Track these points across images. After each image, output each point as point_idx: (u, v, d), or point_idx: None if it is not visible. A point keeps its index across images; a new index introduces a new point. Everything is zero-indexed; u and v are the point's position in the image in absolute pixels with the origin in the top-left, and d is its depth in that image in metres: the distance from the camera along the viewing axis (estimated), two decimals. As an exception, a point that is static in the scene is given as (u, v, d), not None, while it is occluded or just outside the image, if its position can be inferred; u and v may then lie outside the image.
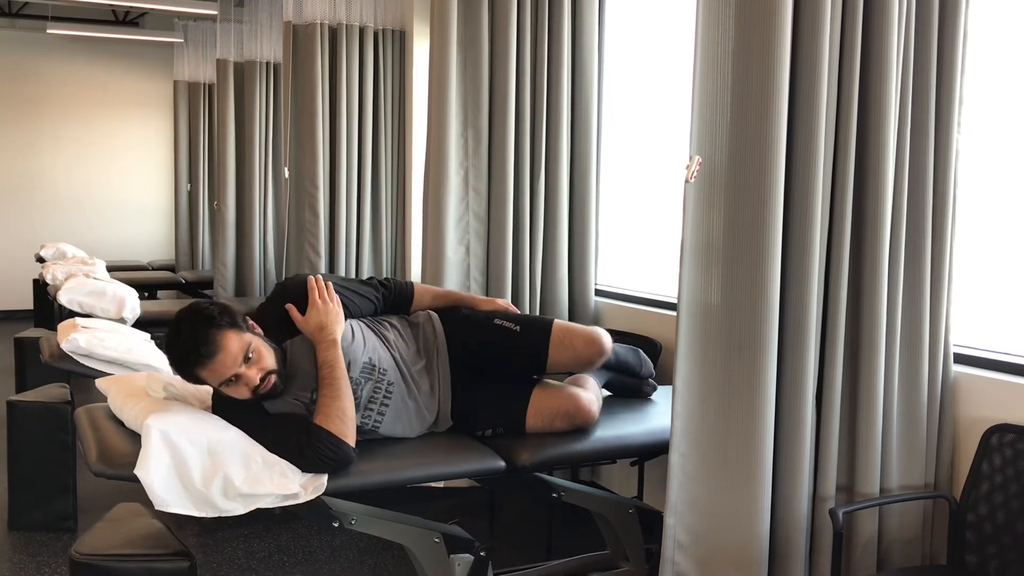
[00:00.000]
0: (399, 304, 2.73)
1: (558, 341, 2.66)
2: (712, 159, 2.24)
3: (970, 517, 2.34)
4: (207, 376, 2.25)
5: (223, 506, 2.12)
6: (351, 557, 3.44)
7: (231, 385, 2.26)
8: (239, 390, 2.27)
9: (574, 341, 2.66)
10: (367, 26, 4.97)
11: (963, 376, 2.51)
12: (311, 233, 4.97)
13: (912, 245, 2.40)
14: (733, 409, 2.28)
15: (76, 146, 9.81)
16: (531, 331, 2.69)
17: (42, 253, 7.64)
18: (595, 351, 2.67)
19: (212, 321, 2.22)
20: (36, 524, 3.67)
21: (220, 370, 2.22)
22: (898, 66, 2.31)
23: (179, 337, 2.23)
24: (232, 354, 2.21)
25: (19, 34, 9.45)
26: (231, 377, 2.24)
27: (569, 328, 2.70)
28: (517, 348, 2.67)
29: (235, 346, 2.22)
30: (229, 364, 2.21)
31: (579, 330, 2.70)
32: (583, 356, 2.66)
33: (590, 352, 2.66)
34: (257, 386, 2.27)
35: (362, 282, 2.70)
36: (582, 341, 2.67)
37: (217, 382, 2.25)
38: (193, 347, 2.20)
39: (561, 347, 2.65)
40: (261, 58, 6.59)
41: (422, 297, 2.75)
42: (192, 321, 2.23)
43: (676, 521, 2.30)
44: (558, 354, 2.66)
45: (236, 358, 2.22)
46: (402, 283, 2.75)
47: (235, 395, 2.28)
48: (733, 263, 2.25)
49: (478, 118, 3.71)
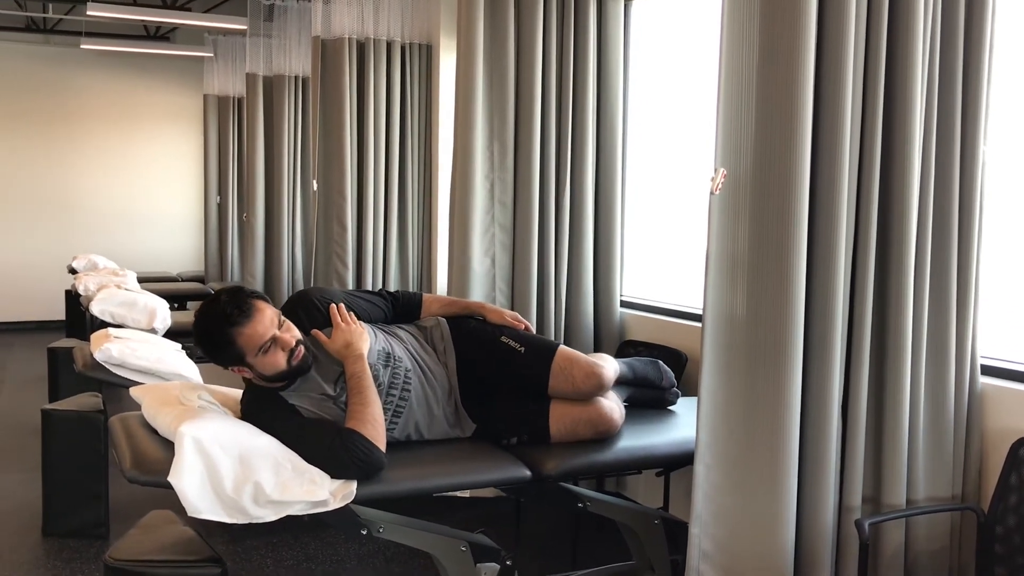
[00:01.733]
0: (408, 312, 2.81)
1: (559, 370, 2.67)
2: (737, 171, 2.25)
3: (998, 529, 2.33)
4: (245, 342, 2.32)
5: (254, 513, 2.15)
6: (378, 566, 3.47)
7: (267, 352, 2.34)
8: (275, 357, 2.35)
9: (574, 372, 2.66)
10: (394, 40, 5.02)
11: (990, 388, 2.50)
12: (339, 244, 5.01)
13: (938, 255, 2.40)
14: (758, 420, 2.28)
15: (108, 159, 9.96)
16: (534, 355, 2.70)
17: (74, 264, 7.75)
18: (593, 385, 2.66)
19: (246, 291, 2.41)
20: (69, 530, 3.73)
21: (259, 330, 2.32)
22: (923, 76, 2.31)
23: (217, 303, 2.35)
24: (269, 316, 2.36)
25: (54, 50, 9.63)
26: (268, 341, 2.32)
27: (572, 358, 2.69)
28: (519, 371, 2.70)
29: (269, 310, 2.38)
30: (267, 324, 2.34)
31: (581, 362, 2.68)
32: (581, 390, 2.66)
33: (588, 387, 2.65)
34: (292, 351, 2.36)
35: (370, 293, 2.81)
36: (582, 375, 2.66)
37: (255, 348, 2.32)
38: (234, 308, 2.32)
39: (561, 376, 2.66)
40: (290, 72, 6.66)
41: (430, 306, 2.84)
42: (229, 292, 2.38)
43: (701, 531, 2.30)
44: (557, 383, 2.67)
45: (272, 320, 2.36)
46: (410, 293, 2.86)
47: (270, 365, 2.35)
48: (758, 274, 2.26)
49: (504, 131, 3.74)
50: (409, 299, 2.83)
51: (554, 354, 2.69)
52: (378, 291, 2.84)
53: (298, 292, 2.73)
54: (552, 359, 2.68)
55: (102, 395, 3.99)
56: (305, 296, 2.65)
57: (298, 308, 2.58)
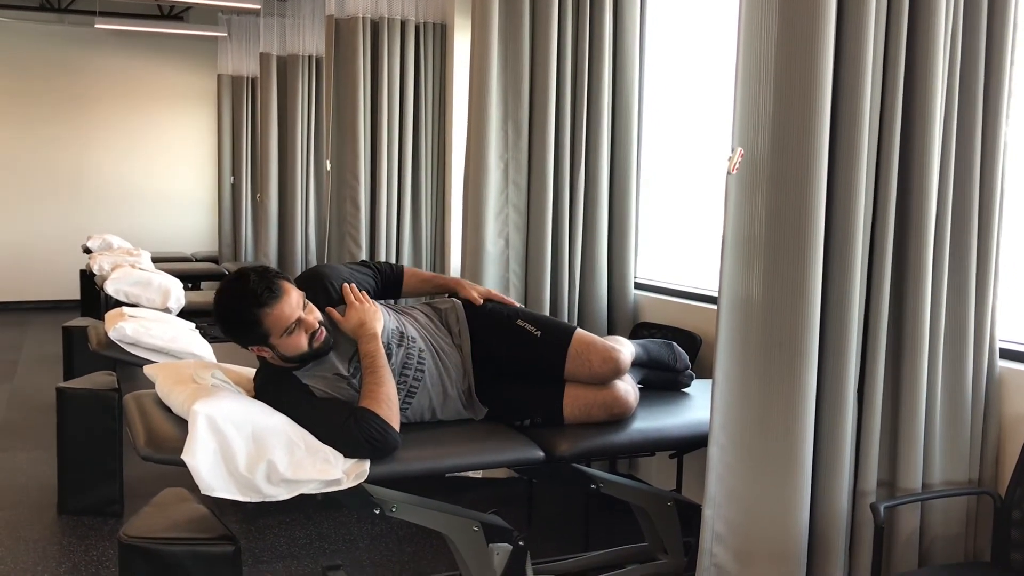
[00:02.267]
0: (390, 285, 2.82)
1: (575, 355, 2.65)
2: (754, 151, 2.23)
3: (1015, 514, 2.31)
4: (271, 323, 2.31)
5: (267, 491, 2.15)
6: (391, 545, 3.48)
7: (291, 333, 2.33)
8: (298, 339, 2.35)
9: (591, 357, 2.64)
10: (408, 19, 4.99)
11: (1008, 371, 2.47)
12: (352, 225, 5.01)
13: (957, 238, 2.37)
14: (773, 402, 2.27)
15: (122, 139, 9.98)
16: (550, 340, 2.69)
17: (89, 244, 7.78)
18: (610, 370, 2.64)
19: (274, 272, 2.39)
20: (84, 508, 3.75)
21: (287, 311, 2.32)
22: (945, 56, 2.28)
23: (247, 282, 2.32)
24: (295, 298, 2.35)
25: (68, 29, 9.63)
26: (294, 323, 2.33)
27: (589, 342, 2.67)
28: (535, 355, 2.68)
29: (296, 293, 2.37)
30: (294, 306, 2.34)
31: (598, 346, 2.66)
32: (598, 374, 2.64)
33: (605, 371, 2.64)
34: (313, 333, 2.37)
35: (358, 265, 2.81)
36: (599, 359, 2.64)
37: (280, 329, 2.32)
38: (264, 287, 2.31)
39: (578, 361, 2.65)
40: (303, 52, 6.65)
41: (409, 279, 2.85)
42: (258, 271, 2.37)
43: (714, 513, 2.30)
44: (574, 367, 2.65)
45: (299, 302, 2.36)
46: (390, 265, 2.86)
47: (292, 347, 2.35)
48: (775, 256, 2.24)
49: (518, 111, 3.71)
50: (390, 273, 2.83)
51: (571, 339, 2.68)
52: (362, 262, 2.84)
53: (310, 270, 2.72)
54: (569, 344, 2.67)
55: (116, 374, 4.00)
56: (317, 274, 2.64)
57: (311, 286, 2.57)
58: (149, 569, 2.33)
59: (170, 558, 2.33)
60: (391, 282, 2.83)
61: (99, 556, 3.37)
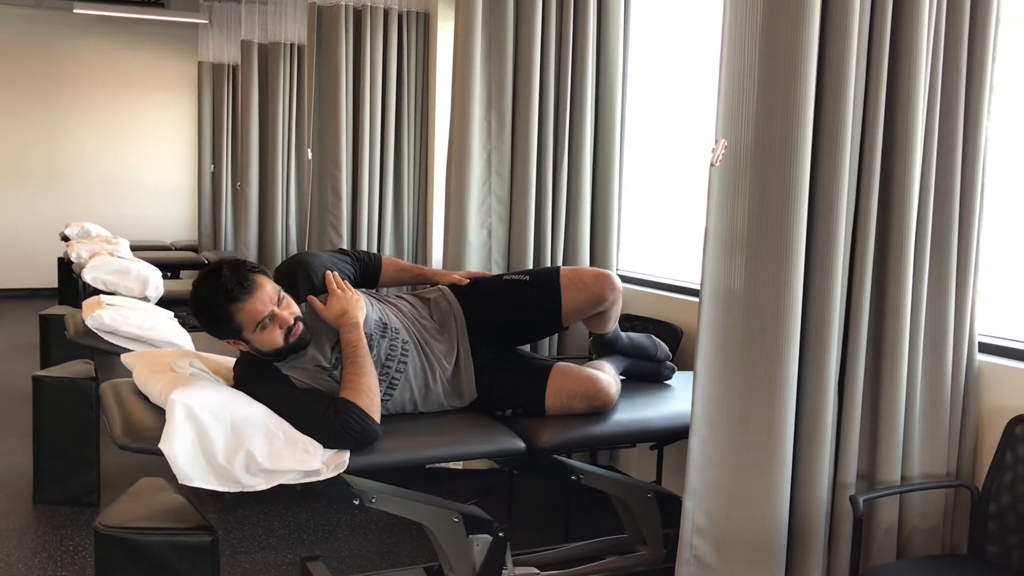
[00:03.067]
0: (368, 274, 2.80)
1: (568, 281, 2.71)
2: (738, 142, 2.22)
3: (992, 507, 2.33)
4: (244, 317, 2.29)
5: (245, 481, 2.13)
6: (371, 536, 3.47)
7: (265, 328, 2.31)
8: (273, 334, 2.32)
9: (584, 278, 2.72)
10: (391, 8, 4.96)
11: (988, 365, 2.49)
12: (333, 215, 4.97)
13: (938, 232, 2.38)
14: (754, 394, 2.27)
15: (101, 126, 9.88)
16: (541, 278, 2.76)
17: (67, 232, 7.70)
18: (606, 283, 2.71)
19: (247, 264, 2.36)
20: (60, 498, 3.72)
21: (259, 307, 2.28)
22: (928, 50, 2.28)
23: (218, 276, 2.30)
24: (269, 293, 2.32)
25: (45, 14, 9.51)
26: (267, 317, 2.29)
27: (576, 268, 2.78)
28: (531, 297, 2.73)
29: (269, 287, 2.33)
30: (267, 301, 2.30)
31: (585, 269, 2.78)
32: (594, 291, 2.70)
33: (601, 284, 2.70)
34: (290, 328, 2.33)
35: (337, 252, 2.79)
36: (591, 276, 2.73)
37: (253, 324, 2.29)
38: (236, 282, 2.28)
39: (572, 286, 2.70)
40: (285, 39, 6.59)
41: (387, 269, 2.84)
42: (231, 264, 2.34)
43: (695, 505, 2.30)
44: (571, 295, 2.69)
45: (272, 297, 2.32)
46: (369, 254, 2.84)
47: (267, 342, 2.33)
48: (757, 248, 2.24)
49: (502, 101, 3.70)
50: (369, 261, 2.81)
51: (559, 271, 2.76)
52: (340, 250, 2.82)
53: (291, 257, 2.69)
54: (559, 274, 2.74)
55: (94, 362, 3.97)
56: (299, 262, 2.61)
57: (292, 274, 2.55)
58: (125, 559, 2.31)
59: (147, 548, 2.31)
60: (369, 271, 2.81)
61: (75, 546, 3.34)
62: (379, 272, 2.82)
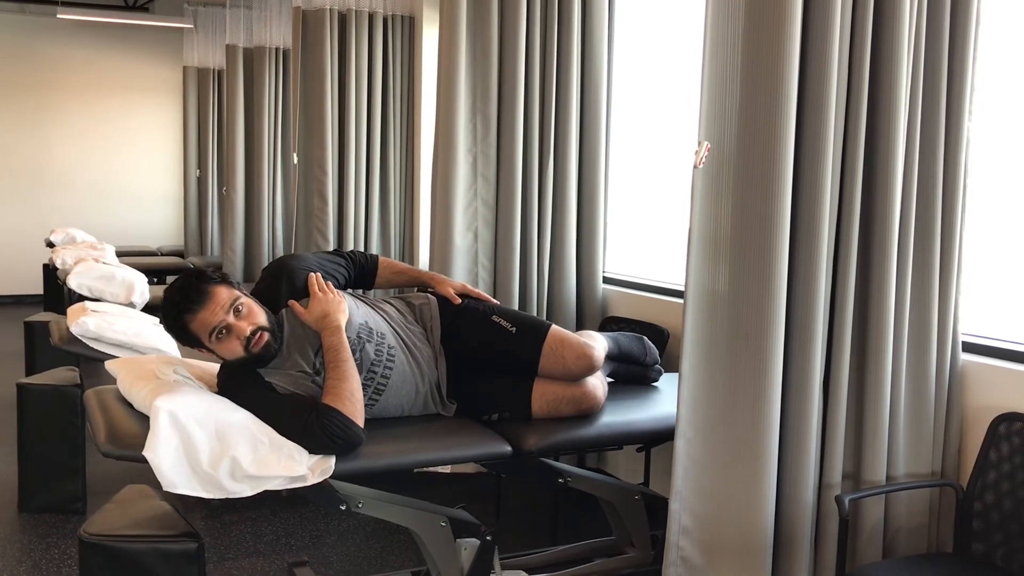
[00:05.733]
0: (364, 275, 2.77)
1: (550, 351, 2.64)
2: (721, 145, 2.23)
3: (977, 505, 2.34)
4: (197, 327, 2.30)
5: (231, 488, 2.13)
6: (358, 541, 3.46)
7: (223, 339, 2.31)
8: (231, 344, 2.31)
9: (565, 354, 2.63)
10: (376, 12, 4.95)
11: (971, 365, 2.50)
12: (319, 219, 4.97)
13: (921, 232, 2.39)
14: (739, 396, 2.28)
15: (86, 131, 9.83)
16: (526, 335, 2.67)
17: (52, 238, 7.66)
18: (584, 367, 2.64)
19: (203, 275, 2.36)
20: (46, 506, 3.69)
21: (209, 318, 2.28)
22: (910, 50, 2.30)
23: (173, 289, 2.34)
24: (220, 302, 2.30)
25: (29, 19, 9.46)
26: (222, 329, 2.29)
27: (563, 339, 2.66)
28: (510, 351, 2.66)
29: (224, 296, 2.31)
30: (218, 311, 2.29)
31: (573, 342, 2.66)
32: (572, 371, 2.64)
33: (579, 368, 2.63)
34: (249, 339, 2.31)
35: (330, 254, 2.75)
36: (573, 356, 2.63)
37: (207, 334, 2.30)
38: (185, 295, 2.29)
39: (552, 358, 2.63)
40: (270, 44, 6.58)
41: (383, 271, 2.80)
42: (186, 276, 2.37)
43: (681, 507, 2.30)
44: (548, 364, 2.64)
45: (224, 306, 2.30)
46: (365, 255, 2.80)
47: (227, 351, 2.33)
48: (741, 250, 2.25)
49: (487, 105, 3.70)
50: (365, 262, 2.77)
51: (546, 335, 2.66)
52: (335, 251, 2.79)
53: (276, 260, 2.66)
54: (544, 341, 2.65)
55: (79, 369, 3.94)
56: (282, 266, 2.59)
57: (275, 278, 2.53)
58: (111, 567, 2.30)
59: (132, 556, 2.29)
60: (365, 272, 2.77)
61: (60, 554, 3.32)
62: (375, 274, 2.78)
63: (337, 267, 2.68)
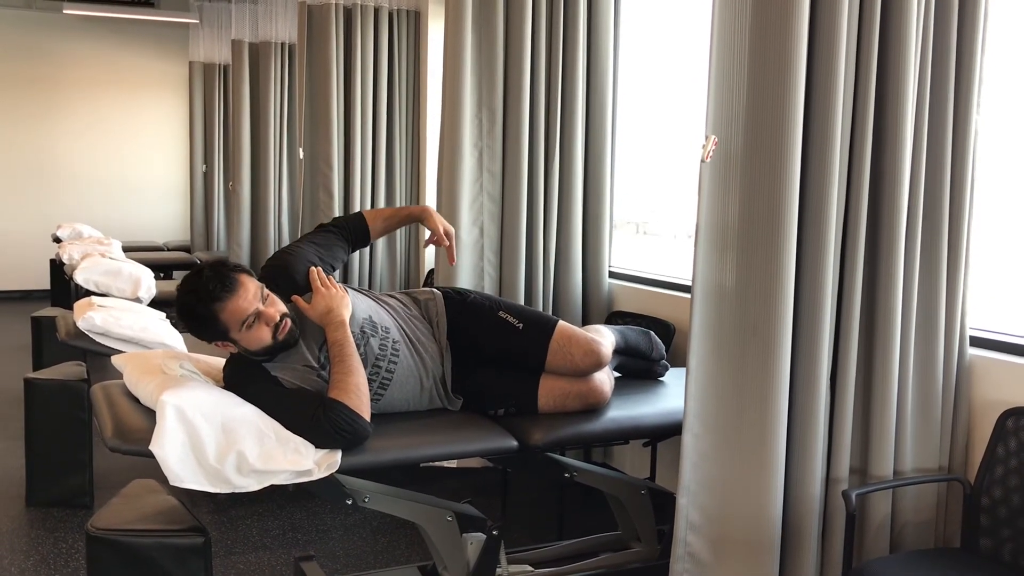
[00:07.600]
0: (358, 236, 2.77)
1: (557, 347, 2.63)
2: (728, 139, 2.22)
3: (984, 500, 2.33)
4: (228, 316, 2.28)
5: (237, 482, 2.13)
6: (364, 535, 3.47)
7: (251, 327, 2.30)
8: (260, 332, 2.32)
9: (573, 350, 2.63)
10: (382, 6, 4.95)
11: (979, 359, 2.49)
12: (325, 214, 4.97)
13: (929, 227, 2.38)
14: (747, 390, 2.27)
15: (92, 127, 9.84)
16: (533, 332, 2.66)
17: (59, 233, 7.67)
18: (591, 363, 2.63)
19: (230, 265, 2.35)
20: (53, 500, 3.70)
21: (242, 305, 2.28)
22: (917, 45, 2.28)
23: (200, 277, 2.30)
24: (252, 291, 2.31)
25: (35, 14, 9.47)
26: (252, 315, 2.29)
27: (571, 335, 2.66)
28: (516, 347, 2.66)
29: (253, 286, 2.33)
30: (250, 299, 2.30)
31: (580, 338, 2.65)
32: (580, 367, 2.63)
33: (586, 364, 2.63)
34: (277, 325, 2.33)
35: (319, 233, 2.72)
36: (581, 352, 2.63)
37: (238, 320, 2.29)
38: (217, 283, 2.28)
39: (560, 354, 2.63)
40: (276, 39, 6.58)
41: (374, 224, 2.79)
42: (212, 266, 2.34)
43: (689, 501, 2.30)
44: (555, 360, 2.64)
45: (256, 294, 2.31)
46: (347, 218, 2.80)
47: (255, 341, 2.32)
48: (748, 245, 2.24)
49: (493, 99, 3.69)
50: (355, 225, 2.76)
51: (553, 331, 2.65)
52: (319, 227, 2.75)
53: (274, 256, 2.64)
54: (551, 337, 2.64)
55: (86, 364, 3.95)
56: (281, 262, 2.57)
57: (275, 275, 2.52)
58: (118, 561, 2.30)
59: (139, 550, 2.30)
60: (357, 233, 2.76)
61: (68, 548, 3.33)
62: (367, 231, 2.78)
63: (335, 248, 2.67)
